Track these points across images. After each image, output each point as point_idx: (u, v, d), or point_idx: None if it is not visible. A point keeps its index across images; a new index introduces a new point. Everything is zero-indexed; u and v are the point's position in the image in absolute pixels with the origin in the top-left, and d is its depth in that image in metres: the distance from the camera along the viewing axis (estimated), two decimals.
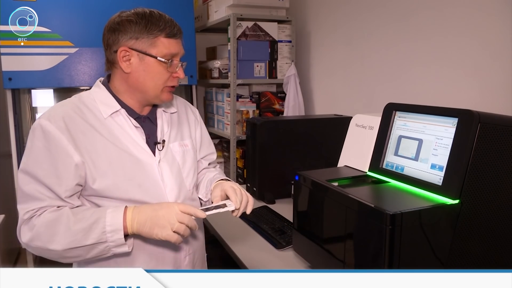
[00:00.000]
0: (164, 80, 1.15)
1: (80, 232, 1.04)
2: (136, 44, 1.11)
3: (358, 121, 1.46)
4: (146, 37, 1.11)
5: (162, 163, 1.20)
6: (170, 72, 1.15)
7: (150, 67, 1.13)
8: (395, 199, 1.13)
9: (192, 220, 1.07)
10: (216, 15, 2.84)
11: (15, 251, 3.33)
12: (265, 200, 2.09)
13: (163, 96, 1.18)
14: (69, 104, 1.16)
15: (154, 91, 1.16)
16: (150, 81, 1.14)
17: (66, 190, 1.08)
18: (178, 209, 1.06)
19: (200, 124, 1.40)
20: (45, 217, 1.06)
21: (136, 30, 1.11)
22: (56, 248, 1.04)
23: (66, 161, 1.07)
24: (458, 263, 1.06)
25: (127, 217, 1.05)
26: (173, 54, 1.14)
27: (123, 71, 1.14)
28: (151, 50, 1.12)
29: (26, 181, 1.08)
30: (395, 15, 1.96)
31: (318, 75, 2.69)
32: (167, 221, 1.04)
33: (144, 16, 1.12)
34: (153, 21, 1.11)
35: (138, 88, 1.16)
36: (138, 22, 1.11)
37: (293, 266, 1.43)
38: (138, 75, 1.14)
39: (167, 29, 1.12)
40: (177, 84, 1.20)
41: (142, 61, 1.13)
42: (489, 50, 1.52)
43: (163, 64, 1.13)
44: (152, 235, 1.05)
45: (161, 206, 1.07)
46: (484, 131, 1.02)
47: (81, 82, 2.56)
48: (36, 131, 1.09)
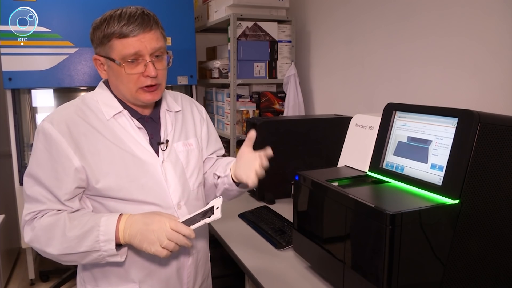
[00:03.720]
0: (134, 81, 1.10)
1: (74, 239, 1.05)
2: (101, 50, 1.12)
3: (358, 121, 1.46)
4: (105, 41, 1.09)
5: (166, 163, 1.19)
6: (137, 73, 1.10)
7: (116, 72, 1.11)
8: (395, 199, 1.13)
9: (182, 239, 1.04)
10: (216, 15, 2.84)
11: (15, 251, 3.34)
12: (265, 200, 2.09)
13: (141, 97, 1.13)
14: (72, 107, 1.16)
15: (129, 94, 1.13)
16: (121, 85, 1.13)
17: (66, 193, 1.08)
18: (169, 227, 1.03)
19: (206, 122, 1.38)
20: (44, 220, 1.07)
21: (99, 36, 1.10)
22: (52, 252, 1.07)
23: (66, 165, 1.08)
24: (458, 263, 1.06)
25: (119, 227, 1.05)
26: (134, 54, 1.07)
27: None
28: (110, 54, 1.09)
29: (30, 183, 1.10)
30: (395, 15, 1.96)
31: (318, 75, 2.69)
32: (157, 237, 1.03)
33: (105, 20, 1.09)
34: (110, 23, 1.07)
35: (118, 93, 1.16)
36: (100, 28, 1.09)
37: (293, 266, 1.43)
38: (112, 80, 1.15)
39: (119, 30, 1.06)
40: (151, 82, 1.11)
41: (109, 67, 1.12)
42: (489, 50, 1.52)
43: (123, 66, 1.08)
44: (142, 249, 1.05)
45: (152, 220, 1.05)
46: (484, 131, 1.02)
47: (81, 82, 2.56)
48: (39, 134, 1.10)
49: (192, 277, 1.26)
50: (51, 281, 2.97)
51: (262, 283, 1.32)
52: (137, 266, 1.17)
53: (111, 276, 1.17)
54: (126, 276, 1.17)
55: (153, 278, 1.18)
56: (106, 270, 1.17)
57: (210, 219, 1.06)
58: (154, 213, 1.09)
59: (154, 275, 1.18)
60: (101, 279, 1.18)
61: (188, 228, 1.05)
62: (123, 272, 1.16)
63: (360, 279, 1.09)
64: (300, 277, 1.37)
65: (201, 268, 1.31)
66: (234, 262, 1.56)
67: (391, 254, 0.98)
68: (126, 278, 1.17)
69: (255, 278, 1.36)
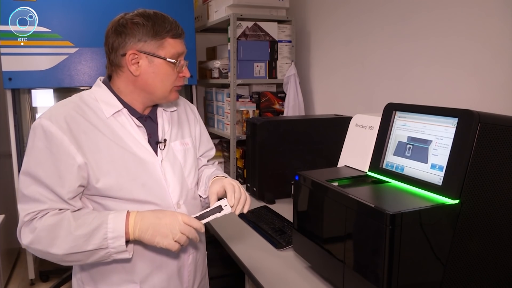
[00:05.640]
0: (173, 80, 1.16)
1: (82, 237, 1.03)
2: (145, 46, 1.11)
3: (358, 121, 1.46)
4: (154, 39, 1.11)
5: (165, 162, 1.20)
6: (177, 72, 1.16)
7: (159, 69, 1.13)
8: (395, 199, 1.13)
9: (194, 232, 1.08)
10: (216, 15, 2.85)
11: (15, 251, 3.34)
12: (265, 200, 2.09)
13: (171, 96, 1.19)
14: (70, 103, 1.14)
15: (162, 92, 1.16)
16: (160, 83, 1.15)
17: (69, 192, 1.07)
18: (182, 220, 1.06)
19: (199, 122, 1.40)
20: (46, 220, 1.04)
21: (144, 33, 1.11)
22: (56, 253, 1.04)
23: (69, 162, 1.06)
24: (458, 263, 1.06)
25: (129, 223, 1.05)
26: (179, 54, 1.16)
27: (131, 74, 1.13)
28: (159, 51, 1.12)
29: (27, 182, 1.07)
30: (395, 15, 1.96)
31: (318, 75, 2.69)
32: (170, 230, 1.05)
33: (150, 18, 1.12)
34: (159, 23, 1.12)
35: (146, 90, 1.16)
36: (145, 25, 1.11)
37: (293, 266, 1.43)
38: (147, 77, 1.14)
39: (173, 30, 1.13)
40: (183, 83, 1.21)
41: (151, 63, 1.13)
42: (489, 50, 1.52)
43: (172, 65, 1.14)
44: (153, 243, 1.05)
45: (164, 214, 1.07)
46: (484, 131, 1.02)
47: (81, 82, 2.56)
48: (37, 131, 1.07)
49: (192, 276, 1.27)
50: (51, 281, 2.97)
51: (262, 283, 1.32)
52: (140, 266, 1.16)
53: (112, 276, 1.16)
54: (127, 276, 1.16)
55: (155, 277, 1.18)
56: (106, 270, 1.16)
57: (220, 214, 1.15)
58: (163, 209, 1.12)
59: (156, 275, 1.18)
60: (100, 280, 1.17)
61: (199, 222, 1.10)
62: (124, 272, 1.16)
63: (360, 279, 1.09)
64: (300, 277, 1.37)
65: (200, 266, 1.32)
66: (234, 262, 1.56)
67: (391, 254, 0.98)
68: (127, 278, 1.16)
69: (255, 278, 1.36)
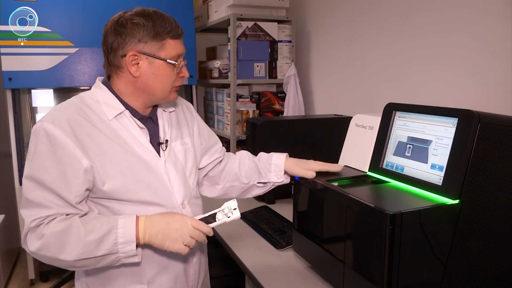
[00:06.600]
0: (172, 81, 1.16)
1: (92, 243, 1.02)
2: (145, 47, 1.10)
3: (358, 121, 1.46)
4: (155, 40, 1.10)
5: (167, 163, 1.19)
6: (177, 73, 1.16)
7: (159, 70, 1.13)
8: (395, 199, 1.13)
9: (202, 236, 1.09)
10: (216, 15, 2.84)
11: (15, 251, 3.34)
12: (265, 200, 2.09)
13: (171, 96, 1.19)
14: (72, 106, 1.12)
15: (163, 92, 1.16)
16: (160, 84, 1.14)
17: (77, 196, 1.05)
18: (191, 225, 1.07)
19: (196, 119, 1.39)
20: (54, 226, 1.02)
21: (144, 33, 1.09)
22: (66, 259, 1.02)
23: (75, 166, 1.04)
24: (458, 263, 1.06)
25: (139, 228, 1.04)
26: (179, 55, 1.15)
27: (131, 75, 1.12)
28: (160, 53, 1.12)
29: (31, 187, 1.04)
30: (395, 15, 1.96)
31: (318, 75, 2.69)
32: (180, 235, 1.05)
33: (150, 18, 1.10)
34: (160, 23, 1.10)
35: (146, 91, 1.15)
36: (145, 25, 1.09)
37: (293, 266, 1.43)
38: (147, 78, 1.13)
39: (173, 30, 1.12)
40: (182, 83, 1.21)
41: (151, 65, 1.12)
42: (489, 50, 1.52)
43: (171, 65, 1.14)
44: (163, 247, 1.05)
45: (174, 218, 1.07)
46: (484, 131, 1.02)
47: (81, 82, 2.56)
48: (40, 135, 1.04)
49: (197, 275, 1.27)
50: (51, 281, 2.97)
51: (262, 283, 1.32)
52: (147, 268, 1.16)
53: (119, 279, 1.15)
54: (134, 278, 1.16)
55: (162, 277, 1.18)
56: (113, 273, 1.15)
57: (229, 218, 1.14)
58: (171, 212, 1.12)
59: (163, 275, 1.18)
60: (107, 283, 1.16)
61: (207, 226, 1.11)
62: (131, 274, 1.15)
63: (360, 279, 1.09)
64: (300, 277, 1.37)
65: (203, 265, 1.33)
66: (234, 262, 1.56)
67: (391, 254, 0.98)
68: (134, 280, 1.16)
69: (255, 278, 1.36)
